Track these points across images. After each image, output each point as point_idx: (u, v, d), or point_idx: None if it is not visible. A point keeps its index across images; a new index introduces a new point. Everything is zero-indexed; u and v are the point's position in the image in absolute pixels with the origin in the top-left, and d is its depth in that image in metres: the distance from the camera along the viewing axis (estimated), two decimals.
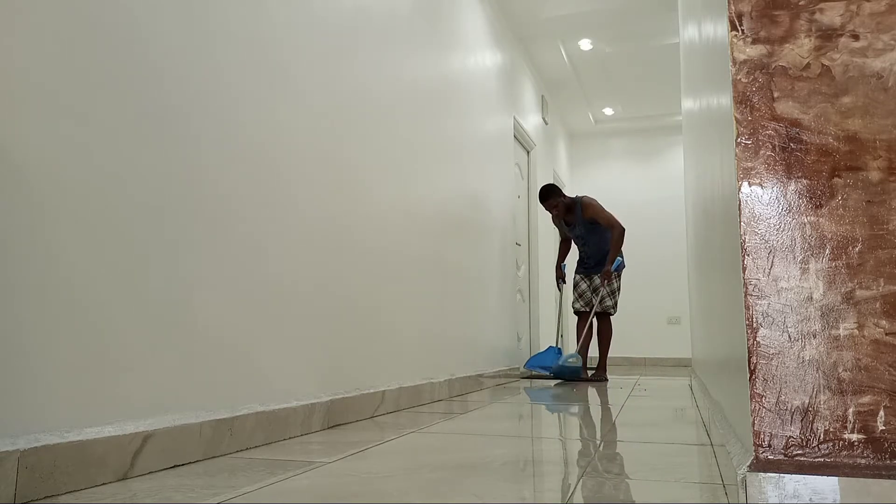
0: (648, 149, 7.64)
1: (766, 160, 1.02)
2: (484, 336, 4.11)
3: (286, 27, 2.09)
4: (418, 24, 3.22)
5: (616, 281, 4.64)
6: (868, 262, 0.96)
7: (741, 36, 1.06)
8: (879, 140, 0.98)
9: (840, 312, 0.96)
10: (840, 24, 1.01)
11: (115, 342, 1.40)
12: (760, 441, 0.96)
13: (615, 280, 4.62)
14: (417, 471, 1.47)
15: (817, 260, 0.98)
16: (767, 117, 1.03)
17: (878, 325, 0.94)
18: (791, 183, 1.01)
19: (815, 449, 0.94)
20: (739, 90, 1.05)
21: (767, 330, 0.99)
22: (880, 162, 0.97)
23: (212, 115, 1.73)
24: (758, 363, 0.98)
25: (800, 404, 0.96)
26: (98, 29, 1.41)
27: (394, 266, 2.80)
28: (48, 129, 1.29)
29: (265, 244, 1.93)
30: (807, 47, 1.02)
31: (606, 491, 1.31)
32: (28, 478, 1.16)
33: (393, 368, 2.74)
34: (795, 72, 1.02)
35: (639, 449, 1.79)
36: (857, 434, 0.93)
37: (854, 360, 0.95)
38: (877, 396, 0.93)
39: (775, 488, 0.91)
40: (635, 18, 5.09)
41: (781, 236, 1.00)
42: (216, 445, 1.63)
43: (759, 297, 1.00)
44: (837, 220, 0.98)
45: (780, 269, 0.99)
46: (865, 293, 0.95)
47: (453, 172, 3.67)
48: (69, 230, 1.32)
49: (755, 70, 1.04)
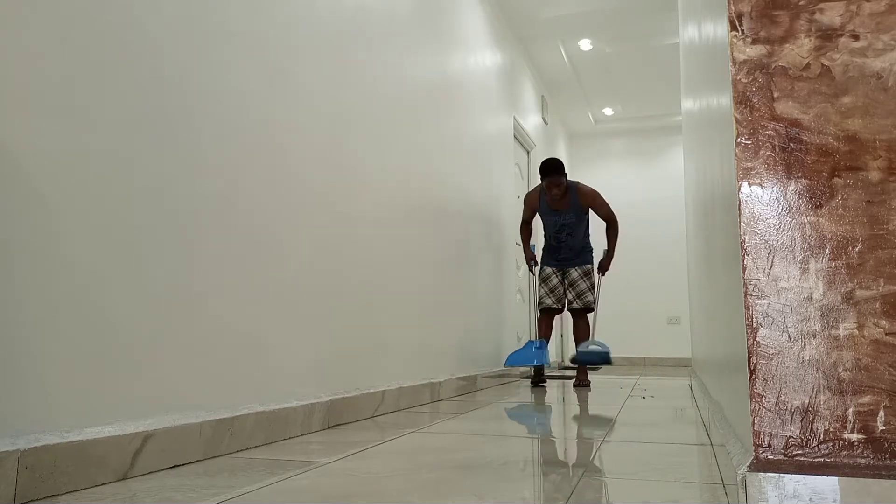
0: (648, 149, 7.64)
1: (766, 160, 1.02)
2: (484, 336, 4.11)
3: (286, 26, 2.09)
4: (418, 24, 3.22)
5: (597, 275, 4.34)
6: (868, 262, 0.96)
7: (741, 36, 1.06)
8: (879, 140, 0.98)
9: (840, 312, 0.96)
10: (840, 24, 1.01)
11: (115, 342, 1.40)
12: (760, 441, 0.96)
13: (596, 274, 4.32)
14: (417, 471, 1.47)
15: (817, 260, 0.98)
16: (767, 117, 1.03)
17: (878, 325, 0.94)
18: (791, 183, 1.01)
19: (815, 449, 0.94)
20: (739, 90, 1.05)
21: (767, 330, 0.99)
22: (880, 162, 0.97)
23: (212, 115, 1.73)
24: (758, 363, 0.98)
25: (800, 404, 0.96)
26: (100, 28, 1.41)
27: (394, 266, 2.80)
28: (48, 123, 1.29)
29: (264, 245, 1.93)
30: (807, 47, 1.02)
31: (606, 491, 1.31)
32: (28, 478, 1.16)
33: (393, 368, 2.74)
34: (795, 72, 1.02)
35: (639, 449, 1.79)
36: (857, 434, 0.93)
37: (854, 360, 0.95)
38: (877, 396, 0.93)
39: (775, 488, 0.91)
40: (635, 18, 5.09)
41: (781, 236, 1.00)
42: (216, 445, 1.63)
43: (759, 297, 1.00)
44: (837, 220, 0.98)
45: (779, 269, 0.99)
46: (865, 293, 0.95)
47: (453, 172, 3.67)
48: (69, 230, 1.32)
49: (755, 70, 1.04)
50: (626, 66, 5.99)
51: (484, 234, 4.23)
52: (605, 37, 5.44)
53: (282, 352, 1.98)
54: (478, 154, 4.17)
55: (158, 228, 1.54)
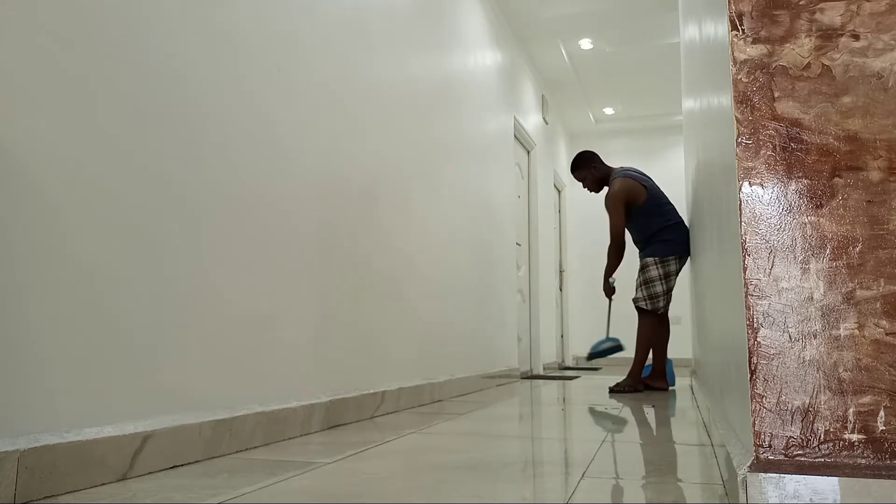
0: (648, 149, 7.64)
1: (767, 160, 1.02)
2: (484, 336, 4.11)
3: (286, 25, 2.09)
4: (419, 24, 3.22)
5: (656, 268, 3.69)
6: (868, 262, 0.96)
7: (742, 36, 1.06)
8: (880, 140, 0.98)
9: (840, 312, 0.96)
10: (840, 23, 1.01)
11: (115, 342, 1.40)
12: (761, 441, 0.96)
13: (654, 267, 3.70)
14: (417, 471, 1.47)
15: (818, 260, 0.98)
16: (768, 117, 1.03)
17: (879, 326, 0.94)
18: (792, 183, 1.01)
19: (815, 449, 0.94)
20: (740, 90, 1.05)
21: (768, 330, 0.99)
22: (880, 162, 0.97)
23: (212, 115, 1.73)
24: (758, 363, 0.98)
25: (800, 404, 0.96)
26: (102, 27, 1.41)
27: (393, 266, 2.80)
28: (52, 121, 1.29)
29: (264, 246, 1.93)
30: (807, 47, 1.02)
31: (607, 491, 1.30)
32: (28, 478, 1.16)
33: (393, 368, 2.74)
34: (796, 72, 1.02)
35: (639, 449, 1.79)
36: (858, 434, 0.93)
37: (854, 360, 0.94)
38: (877, 396, 0.93)
39: (776, 488, 0.91)
40: (635, 18, 5.09)
41: (782, 236, 1.00)
42: (216, 446, 1.63)
43: (760, 297, 1.00)
44: (838, 220, 0.98)
45: (780, 269, 0.99)
46: (866, 293, 0.95)
47: (453, 172, 3.67)
48: (69, 230, 1.32)
49: (755, 70, 1.04)
50: (626, 65, 5.99)
51: (484, 235, 4.23)
52: (605, 36, 5.44)
53: (282, 352, 1.98)
54: (478, 154, 4.17)
55: (159, 231, 1.54)
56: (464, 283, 3.76)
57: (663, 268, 3.68)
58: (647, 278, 3.70)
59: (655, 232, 3.74)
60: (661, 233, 3.74)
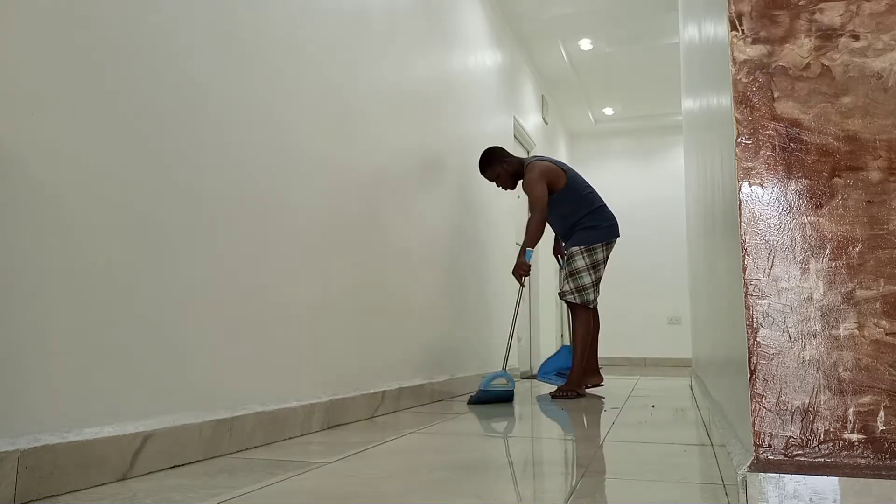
0: (648, 149, 7.64)
1: (767, 160, 1.02)
2: (483, 336, 4.11)
3: (285, 25, 2.09)
4: (419, 24, 3.22)
5: (582, 258, 3.41)
6: (868, 262, 0.96)
7: (741, 36, 1.06)
8: (879, 140, 0.98)
9: (840, 312, 0.96)
10: (840, 24, 1.01)
11: (115, 342, 1.40)
12: (761, 441, 0.96)
13: (581, 257, 3.41)
14: (417, 471, 1.47)
15: (817, 260, 0.98)
16: (767, 117, 1.03)
17: (879, 325, 0.94)
18: (791, 183, 1.01)
19: (815, 449, 0.94)
20: (739, 90, 1.05)
21: (768, 330, 0.99)
22: (880, 162, 0.97)
23: (214, 115, 1.73)
24: (758, 363, 0.98)
25: (800, 404, 0.96)
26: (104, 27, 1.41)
27: (393, 266, 2.80)
28: (52, 124, 1.29)
29: (264, 246, 1.93)
30: (807, 47, 1.02)
31: (607, 491, 1.30)
32: (28, 478, 1.16)
33: (393, 368, 2.74)
34: (795, 72, 1.02)
35: (639, 449, 1.79)
36: (858, 434, 0.93)
37: (854, 360, 0.95)
38: (877, 396, 0.93)
39: (775, 488, 0.91)
40: (635, 18, 5.09)
41: (782, 236, 1.00)
42: (216, 445, 1.63)
43: (760, 297, 1.00)
44: (837, 220, 0.98)
45: (780, 269, 0.99)
46: (866, 293, 0.95)
47: (453, 172, 3.67)
48: (67, 230, 1.32)
49: (755, 70, 1.04)
50: (626, 65, 5.99)
51: (484, 235, 4.23)
52: (605, 36, 5.43)
53: (282, 352, 1.98)
54: (478, 153, 4.17)
55: (157, 231, 1.54)
56: (464, 282, 3.76)
57: (590, 257, 3.41)
58: (573, 269, 3.40)
59: (579, 219, 3.48)
60: (584, 219, 3.47)
